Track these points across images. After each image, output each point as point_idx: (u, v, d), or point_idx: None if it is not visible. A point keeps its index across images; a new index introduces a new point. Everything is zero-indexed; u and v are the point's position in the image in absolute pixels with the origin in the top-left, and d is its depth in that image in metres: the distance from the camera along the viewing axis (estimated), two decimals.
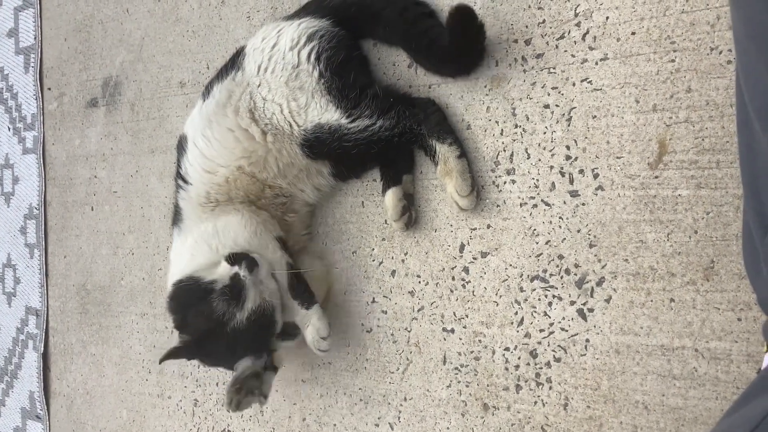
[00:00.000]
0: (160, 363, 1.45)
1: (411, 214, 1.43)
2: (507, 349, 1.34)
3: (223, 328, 1.36)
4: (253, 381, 1.43)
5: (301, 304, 1.44)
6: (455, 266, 1.41)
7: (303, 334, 1.47)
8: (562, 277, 1.28)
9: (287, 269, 1.43)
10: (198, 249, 1.46)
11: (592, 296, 1.25)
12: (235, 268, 1.35)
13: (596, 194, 1.24)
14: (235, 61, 1.49)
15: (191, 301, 1.41)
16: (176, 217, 1.56)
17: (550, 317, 1.29)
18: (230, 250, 1.41)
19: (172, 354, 1.42)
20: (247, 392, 1.42)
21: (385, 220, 1.50)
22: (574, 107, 1.27)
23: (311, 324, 1.44)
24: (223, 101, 1.45)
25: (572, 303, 1.27)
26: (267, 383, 1.46)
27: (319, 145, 1.40)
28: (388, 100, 1.36)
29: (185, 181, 1.50)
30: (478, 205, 1.37)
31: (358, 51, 1.49)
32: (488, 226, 1.37)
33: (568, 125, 1.27)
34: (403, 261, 1.48)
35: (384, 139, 1.36)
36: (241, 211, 1.45)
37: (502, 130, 1.35)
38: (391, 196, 1.42)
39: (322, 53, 1.38)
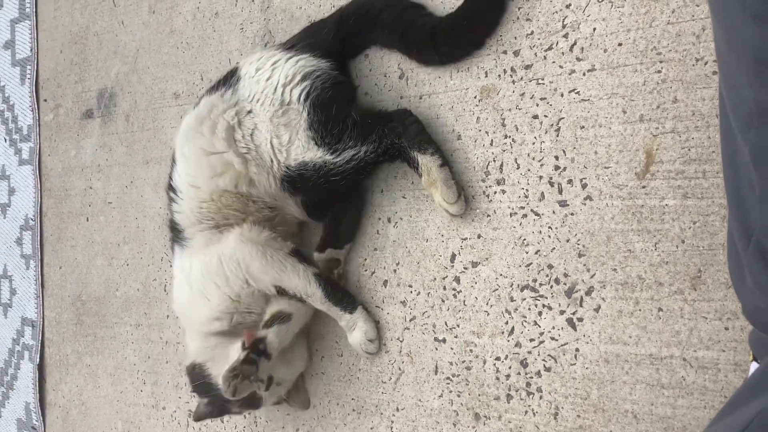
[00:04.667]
0: (196, 421, 1.60)
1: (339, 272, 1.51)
2: (498, 358, 1.34)
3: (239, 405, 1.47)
4: (248, 367, 1.40)
5: (344, 310, 1.47)
6: (446, 276, 1.41)
7: (348, 337, 1.50)
8: (551, 287, 1.28)
9: (316, 281, 1.44)
10: (207, 289, 1.45)
11: (581, 306, 1.25)
12: None
13: (585, 204, 1.25)
14: (228, 80, 1.47)
15: (206, 389, 1.49)
16: (176, 234, 1.53)
17: (540, 327, 1.30)
18: (242, 284, 1.43)
19: (205, 416, 1.55)
20: (243, 378, 1.39)
21: (377, 230, 1.51)
22: (563, 117, 1.27)
23: (357, 327, 1.47)
24: (203, 114, 1.43)
25: (562, 312, 1.27)
26: (263, 370, 1.43)
27: (303, 181, 1.40)
28: (366, 122, 1.36)
29: (176, 194, 1.49)
30: (469, 214, 1.38)
31: (349, 89, 1.50)
32: (479, 236, 1.37)
33: (557, 135, 1.28)
34: (395, 271, 1.48)
35: (371, 163, 1.38)
36: (243, 239, 1.43)
37: (492, 140, 1.36)
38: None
39: (313, 92, 1.38)
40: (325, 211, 1.51)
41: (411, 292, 1.46)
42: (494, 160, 1.35)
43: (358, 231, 1.52)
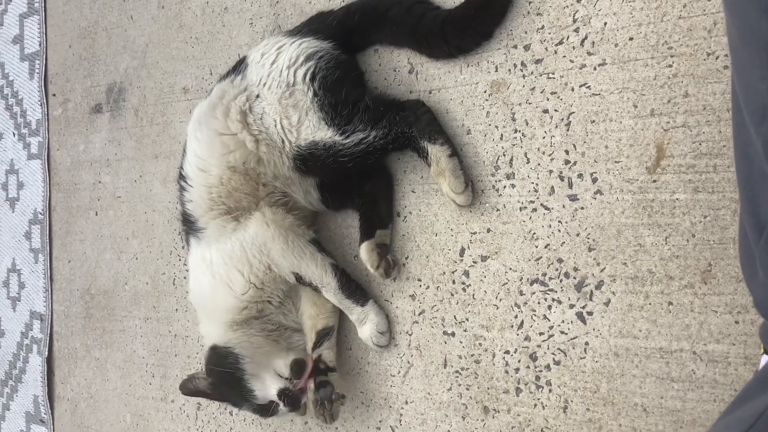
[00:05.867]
0: (184, 394, 1.56)
1: (388, 261, 1.46)
2: (507, 352, 1.35)
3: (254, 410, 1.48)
4: (324, 389, 1.43)
5: (356, 302, 1.47)
6: (456, 270, 1.42)
7: (358, 330, 1.50)
8: (561, 281, 1.29)
9: (332, 271, 1.44)
10: (231, 278, 1.44)
11: (591, 299, 1.25)
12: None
13: (595, 198, 1.25)
14: (237, 67, 1.50)
15: (230, 381, 1.45)
16: (189, 225, 1.51)
17: (549, 320, 1.30)
18: (265, 269, 1.43)
19: (197, 395, 1.53)
20: (328, 402, 1.42)
21: None
22: (573, 112, 1.28)
23: (368, 320, 1.48)
24: (215, 101, 1.45)
25: (571, 306, 1.27)
26: (334, 385, 1.46)
27: (313, 160, 1.40)
28: (378, 109, 1.37)
29: (186, 182, 1.49)
30: (478, 208, 1.38)
31: (355, 69, 1.51)
32: (488, 230, 1.38)
33: (567, 130, 1.28)
34: (404, 265, 1.49)
35: (380, 149, 1.38)
36: (267, 222, 1.43)
37: (501, 134, 1.36)
38: (364, 250, 1.46)
39: (318, 73, 1.39)
40: (340, 199, 1.52)
41: (420, 285, 1.47)
42: (504, 155, 1.36)
43: (394, 210, 1.52)
